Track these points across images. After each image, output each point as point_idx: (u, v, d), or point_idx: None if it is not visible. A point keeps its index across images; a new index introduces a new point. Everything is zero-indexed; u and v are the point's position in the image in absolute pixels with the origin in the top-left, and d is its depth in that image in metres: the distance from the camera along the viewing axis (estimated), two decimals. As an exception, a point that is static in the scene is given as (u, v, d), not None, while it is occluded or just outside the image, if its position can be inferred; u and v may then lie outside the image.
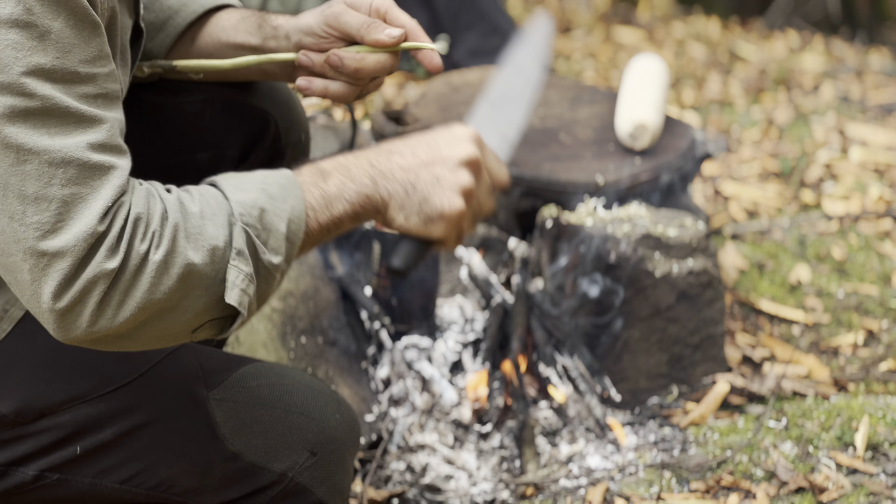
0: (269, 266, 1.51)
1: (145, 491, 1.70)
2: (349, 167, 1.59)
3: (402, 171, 1.59)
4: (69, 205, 1.40)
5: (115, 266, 1.41)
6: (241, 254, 1.48)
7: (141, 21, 1.74)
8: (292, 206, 1.53)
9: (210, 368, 1.73)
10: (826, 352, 2.94)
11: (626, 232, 2.63)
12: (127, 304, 1.43)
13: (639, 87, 2.99)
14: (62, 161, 1.39)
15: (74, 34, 1.41)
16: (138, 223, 1.43)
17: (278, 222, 1.51)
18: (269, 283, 1.53)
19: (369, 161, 1.59)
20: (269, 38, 1.85)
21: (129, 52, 1.72)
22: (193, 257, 1.45)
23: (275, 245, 1.51)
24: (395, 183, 1.58)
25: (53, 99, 1.39)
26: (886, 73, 5.08)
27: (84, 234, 1.39)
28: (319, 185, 1.57)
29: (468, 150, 1.60)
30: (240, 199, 1.50)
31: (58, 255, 1.39)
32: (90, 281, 1.40)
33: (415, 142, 1.62)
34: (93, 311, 1.42)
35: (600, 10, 6.36)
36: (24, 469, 1.66)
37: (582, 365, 2.65)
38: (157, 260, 1.43)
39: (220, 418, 1.70)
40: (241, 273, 1.48)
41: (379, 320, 2.71)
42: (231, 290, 1.48)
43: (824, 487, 2.33)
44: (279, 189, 1.53)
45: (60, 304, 1.40)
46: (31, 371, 1.64)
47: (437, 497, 2.47)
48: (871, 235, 3.43)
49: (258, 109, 1.99)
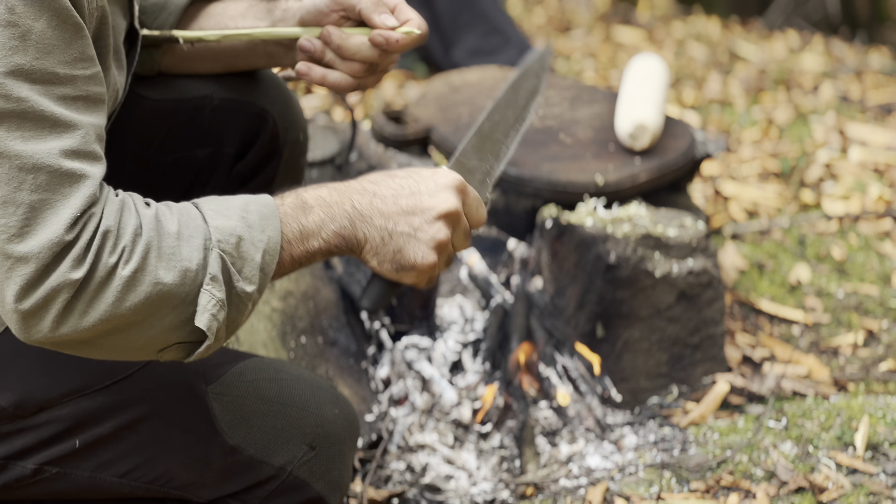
0: (242, 294, 1.52)
1: (144, 484, 1.70)
2: (331, 205, 1.60)
3: (381, 217, 1.61)
4: (37, 210, 1.40)
5: (79, 276, 1.41)
6: (214, 279, 1.48)
7: (136, 23, 1.74)
8: (269, 237, 1.54)
9: (209, 363, 1.73)
10: (826, 352, 2.94)
11: (625, 232, 2.63)
12: (90, 314, 1.43)
13: (639, 87, 2.99)
14: (33, 167, 1.39)
15: (56, 35, 1.41)
16: (107, 236, 1.43)
17: (254, 252, 1.52)
18: (240, 311, 1.53)
19: (351, 201, 1.61)
20: (279, 21, 1.86)
21: (125, 54, 1.72)
22: (164, 277, 1.45)
23: (249, 274, 1.52)
24: (373, 228, 1.60)
25: (30, 101, 1.39)
26: (886, 73, 5.08)
27: (50, 241, 1.40)
28: (300, 219, 1.58)
29: (450, 201, 1.62)
30: (218, 224, 1.51)
31: (22, 259, 1.40)
32: (54, 289, 1.41)
33: (399, 186, 1.63)
34: (55, 318, 1.42)
35: (600, 10, 6.36)
36: (23, 463, 1.67)
37: (582, 365, 2.65)
38: (125, 275, 1.43)
39: (218, 412, 1.70)
40: (213, 298, 1.48)
41: (379, 320, 2.71)
42: (202, 314, 1.48)
43: (824, 487, 2.33)
44: (259, 218, 1.54)
45: (23, 306, 1.41)
46: (31, 365, 1.65)
47: (437, 497, 2.47)
48: (871, 235, 3.43)
49: (257, 107, 2.00)
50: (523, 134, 1.86)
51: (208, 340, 1.51)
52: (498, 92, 1.83)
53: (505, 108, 1.81)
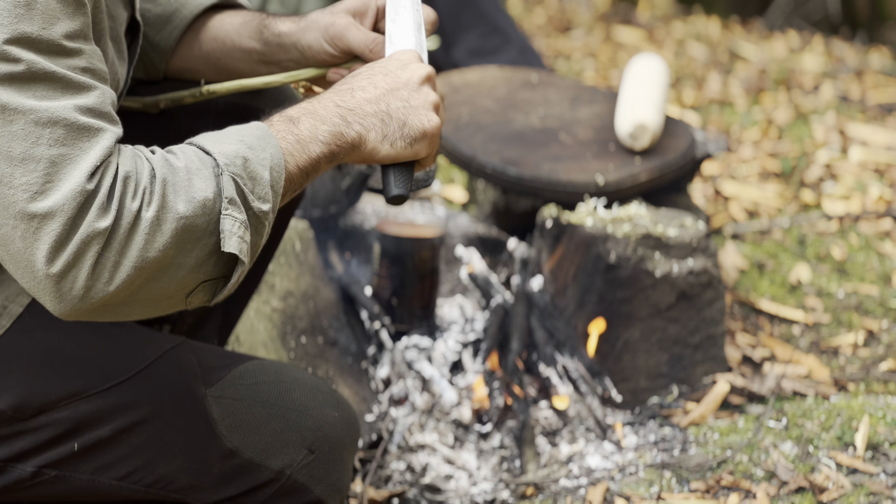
0: (259, 214, 1.51)
1: (143, 488, 1.70)
2: (316, 110, 1.60)
3: (370, 104, 1.62)
4: (57, 165, 1.39)
5: (107, 225, 1.40)
6: (233, 202, 1.48)
7: (137, 14, 1.74)
8: (271, 154, 1.53)
9: (208, 366, 1.73)
10: (826, 352, 2.94)
11: (626, 232, 2.63)
12: (123, 264, 1.42)
13: (639, 87, 2.99)
14: (49, 121, 1.39)
15: (59, 7, 1.41)
16: (128, 181, 1.42)
17: (262, 170, 1.51)
18: (259, 232, 1.52)
19: (334, 102, 1.61)
20: (275, 47, 1.86)
21: (126, 45, 1.72)
22: (184, 209, 1.44)
23: (261, 193, 1.51)
24: (368, 117, 1.61)
25: (39, 64, 1.39)
26: (886, 73, 5.09)
27: (73, 192, 1.38)
28: (292, 130, 1.58)
29: (421, 67, 1.66)
30: (222, 150, 1.50)
31: (48, 216, 1.38)
32: (83, 241, 1.39)
33: (370, 74, 1.65)
34: (88, 275, 1.40)
35: (600, 10, 6.36)
36: (21, 465, 1.67)
37: (582, 365, 2.65)
38: (149, 217, 1.42)
39: (217, 415, 1.70)
40: (236, 220, 1.48)
41: (379, 320, 2.71)
42: (229, 238, 1.47)
43: (824, 487, 2.33)
44: (256, 140, 1.54)
45: (54, 268, 1.39)
46: (30, 367, 1.65)
47: (437, 497, 2.47)
48: (871, 235, 3.43)
49: (261, 112, 2.00)
50: None
51: (240, 265, 1.50)
52: None
53: None
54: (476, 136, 2.97)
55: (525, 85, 3.27)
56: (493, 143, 2.94)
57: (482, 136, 2.97)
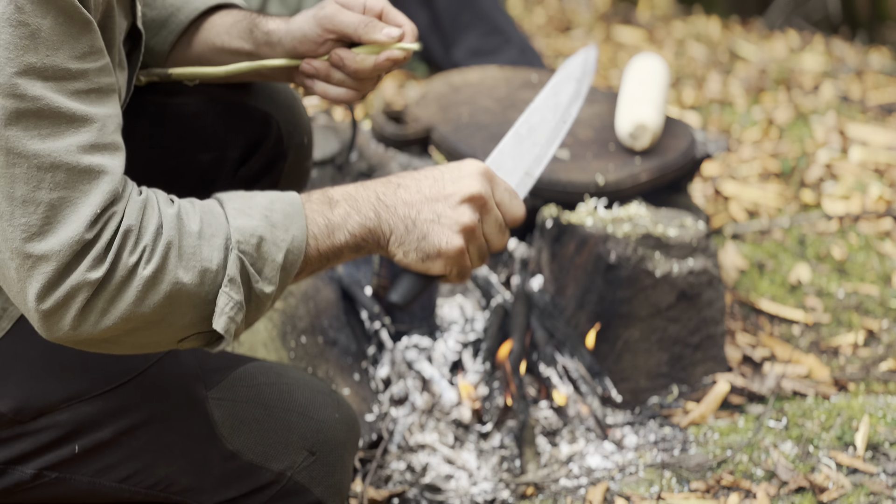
0: (261, 294, 1.52)
1: (144, 490, 1.70)
2: (357, 198, 1.59)
3: (404, 206, 1.59)
4: (57, 209, 1.40)
5: (99, 276, 1.41)
6: (233, 281, 1.48)
7: (139, 23, 1.74)
8: (293, 237, 1.53)
9: (209, 367, 1.73)
10: (826, 352, 2.94)
11: (626, 232, 2.63)
12: (111, 313, 1.43)
13: (639, 87, 2.99)
14: (51, 165, 1.40)
15: (64, 31, 1.41)
16: (128, 235, 1.43)
17: (276, 252, 1.51)
18: (259, 309, 1.53)
19: (377, 194, 1.59)
20: (262, 45, 1.85)
21: (125, 54, 1.72)
22: (183, 277, 1.45)
23: (269, 274, 1.52)
24: (397, 218, 1.59)
25: (45, 99, 1.39)
26: (887, 72, 5.08)
27: (70, 240, 1.40)
28: (325, 213, 1.57)
29: (474, 186, 1.60)
30: (240, 224, 1.50)
31: (42, 258, 1.40)
32: (73, 288, 1.41)
33: (422, 176, 1.61)
34: (75, 316, 1.42)
35: (600, 10, 6.36)
36: (22, 468, 1.67)
37: (582, 365, 2.65)
38: (145, 275, 1.43)
39: (218, 417, 1.70)
40: (231, 300, 1.49)
41: (379, 320, 2.71)
42: (219, 316, 1.48)
43: (824, 487, 2.33)
44: (283, 217, 1.53)
45: (44, 305, 1.41)
46: (30, 370, 1.65)
47: (438, 497, 2.47)
48: (871, 235, 3.43)
49: (261, 112, 2.00)
50: (563, 138, 1.82)
51: (225, 341, 1.52)
52: (538, 94, 1.79)
53: (544, 110, 1.78)
54: (476, 136, 2.97)
55: (525, 85, 3.27)
56: (493, 143, 2.93)
57: (482, 136, 2.97)
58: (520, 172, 1.75)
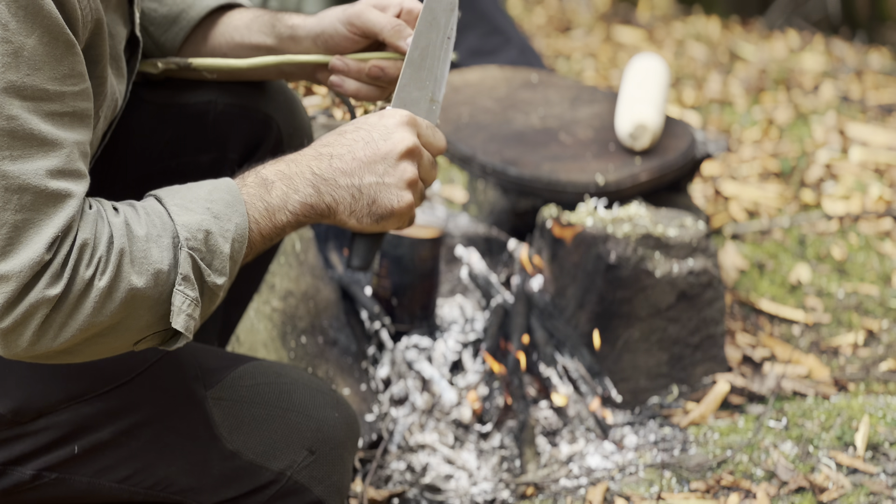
0: (213, 287, 1.52)
1: (143, 490, 1.70)
2: (291, 177, 1.59)
3: (344, 176, 1.60)
4: (20, 230, 1.40)
5: (57, 293, 1.41)
6: (186, 279, 1.48)
7: (137, 31, 1.74)
8: (237, 224, 1.54)
9: (208, 367, 1.73)
10: (826, 352, 2.94)
11: (626, 232, 2.63)
12: (69, 326, 1.43)
13: (639, 87, 2.99)
14: (19, 188, 1.39)
15: (47, 52, 1.41)
16: (84, 249, 1.43)
17: (223, 244, 1.52)
18: (212, 302, 1.54)
19: (311, 169, 1.60)
20: (286, 38, 1.85)
21: (125, 62, 1.71)
22: (137, 282, 1.45)
23: (219, 266, 1.52)
24: (340, 189, 1.60)
25: (20, 119, 1.39)
26: (886, 73, 5.09)
27: (31, 261, 1.40)
28: (264, 197, 1.57)
29: (406, 139, 1.62)
30: (185, 221, 1.50)
31: (3, 278, 1.39)
32: (32, 306, 1.40)
33: (352, 140, 1.62)
34: (34, 333, 1.42)
35: (600, 10, 6.36)
36: (22, 468, 1.66)
37: (582, 365, 2.65)
38: (101, 286, 1.43)
39: (218, 417, 1.70)
40: (186, 298, 1.49)
41: (379, 320, 2.71)
42: (178, 315, 1.48)
43: (824, 487, 2.33)
44: (224, 207, 1.53)
45: (2, 324, 1.41)
46: (30, 371, 1.65)
47: (437, 497, 2.47)
48: (871, 235, 3.43)
49: (261, 113, 1.99)
50: (451, 53, 1.82)
51: (182, 338, 1.52)
52: (418, 20, 1.79)
53: (427, 33, 1.78)
54: (476, 136, 2.98)
55: (525, 85, 3.27)
56: (493, 143, 2.94)
57: (482, 136, 2.97)
58: (426, 101, 1.75)
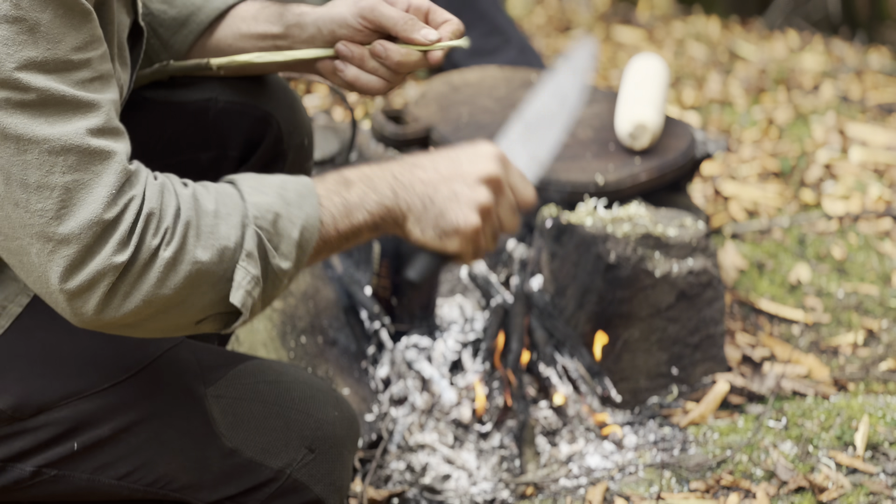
0: (278, 270, 1.53)
1: (143, 487, 1.70)
2: (372, 178, 1.60)
3: (421, 184, 1.60)
4: (72, 192, 1.41)
5: (123, 260, 1.43)
6: (250, 256, 1.50)
7: (140, 20, 1.74)
8: (307, 214, 1.55)
9: (208, 365, 1.73)
10: (826, 351, 2.94)
11: (625, 232, 2.63)
12: (133, 295, 1.45)
13: (639, 87, 2.99)
14: (62, 149, 1.41)
15: (64, 23, 1.41)
16: (150, 218, 1.44)
17: (291, 228, 1.53)
18: (275, 286, 1.55)
19: (392, 173, 1.61)
20: (293, 27, 1.85)
21: (128, 51, 1.72)
22: (202, 256, 1.47)
23: (285, 250, 1.53)
24: (414, 196, 1.60)
25: (49, 89, 1.40)
26: (886, 72, 5.09)
27: (89, 221, 1.41)
28: (342, 193, 1.59)
29: (489, 167, 1.62)
30: (256, 201, 1.52)
31: (63, 241, 1.41)
32: (99, 272, 1.42)
33: (438, 157, 1.64)
34: (100, 300, 1.43)
35: (600, 10, 6.36)
36: (21, 465, 1.67)
37: (582, 365, 2.65)
38: (166, 256, 1.45)
39: (217, 415, 1.70)
40: (248, 275, 1.50)
41: (379, 320, 2.71)
42: (236, 290, 1.49)
43: (824, 487, 2.33)
44: (296, 196, 1.55)
45: (67, 287, 1.42)
46: (29, 367, 1.65)
47: (437, 497, 2.47)
48: (871, 235, 3.43)
49: (261, 111, 1.99)
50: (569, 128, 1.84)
51: (242, 316, 1.52)
52: (541, 84, 1.81)
53: (549, 100, 1.79)
54: (476, 136, 2.98)
55: (525, 85, 3.27)
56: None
57: (482, 136, 2.97)
58: (528, 158, 1.76)
